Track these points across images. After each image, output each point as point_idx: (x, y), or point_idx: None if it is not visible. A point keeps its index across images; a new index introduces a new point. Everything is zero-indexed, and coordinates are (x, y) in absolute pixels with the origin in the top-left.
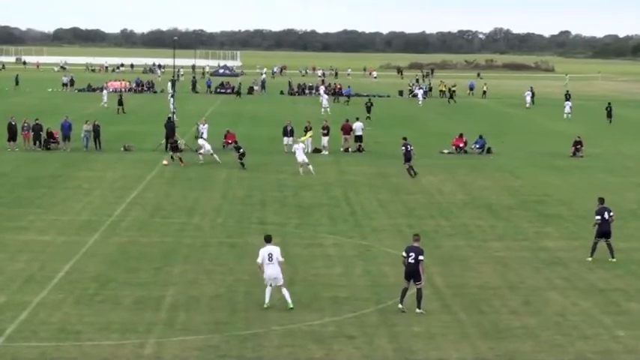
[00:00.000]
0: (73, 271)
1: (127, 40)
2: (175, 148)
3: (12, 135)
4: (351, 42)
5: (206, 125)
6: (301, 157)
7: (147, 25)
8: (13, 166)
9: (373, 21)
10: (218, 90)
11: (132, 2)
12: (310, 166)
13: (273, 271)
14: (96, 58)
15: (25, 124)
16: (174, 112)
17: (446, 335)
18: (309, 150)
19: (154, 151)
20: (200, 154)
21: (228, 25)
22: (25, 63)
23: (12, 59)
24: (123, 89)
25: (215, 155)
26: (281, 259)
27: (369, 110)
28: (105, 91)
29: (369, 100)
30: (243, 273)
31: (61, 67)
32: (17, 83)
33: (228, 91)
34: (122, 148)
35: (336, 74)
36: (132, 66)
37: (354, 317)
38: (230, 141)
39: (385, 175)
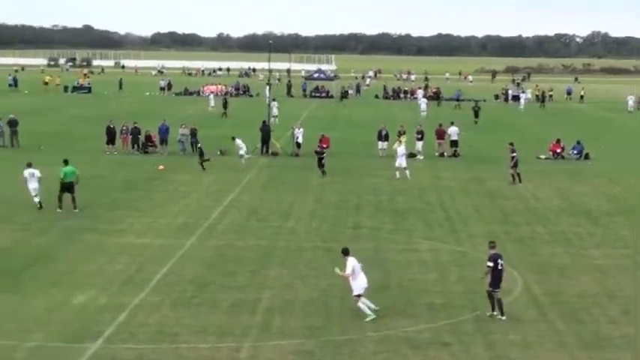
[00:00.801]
0: (171, 274)
1: (223, 44)
2: (201, 154)
3: (110, 138)
4: (445, 45)
5: (301, 129)
6: (400, 161)
7: (243, 29)
8: (111, 169)
9: (468, 24)
10: (313, 94)
11: (228, 7)
12: (407, 171)
13: (365, 280)
14: (193, 62)
15: (124, 128)
16: (275, 117)
17: (543, 344)
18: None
19: (249, 154)
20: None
21: (323, 29)
22: (123, 67)
23: (111, 63)
24: (219, 93)
25: (246, 156)
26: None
27: (476, 115)
28: (211, 95)
29: (476, 104)
30: (338, 278)
31: (159, 71)
32: (120, 87)
33: (323, 95)
34: (218, 152)
35: (426, 78)
36: (228, 70)
37: (449, 324)
38: (325, 145)
39: (481, 180)
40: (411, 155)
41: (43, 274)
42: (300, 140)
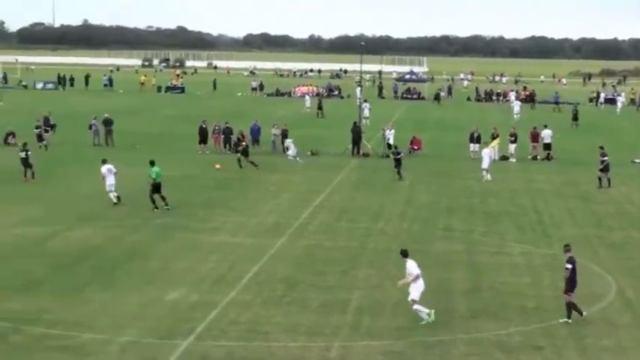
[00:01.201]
0: (262, 273)
1: (314, 45)
2: (245, 152)
3: (203, 138)
4: (539, 48)
5: (392, 130)
6: (486, 163)
7: (334, 30)
8: (203, 168)
9: (562, 27)
10: (404, 95)
11: (320, 9)
12: (488, 175)
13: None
14: (284, 64)
15: (216, 127)
16: (366, 118)
17: (637, 349)
18: (496, 157)
19: (340, 155)
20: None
21: (415, 31)
22: (216, 68)
23: (204, 64)
24: (311, 94)
25: (298, 158)
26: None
27: (575, 117)
28: (307, 96)
29: (575, 107)
30: (428, 279)
31: (251, 72)
32: (215, 87)
33: (415, 96)
34: (309, 152)
35: (516, 81)
36: (319, 71)
37: (541, 328)
38: (416, 147)
39: (574, 184)
40: (503, 158)
41: (137, 271)
42: (391, 141)
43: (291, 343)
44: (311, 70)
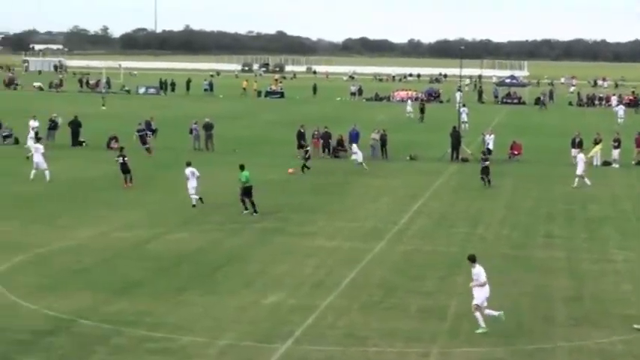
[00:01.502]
0: (359, 277)
1: (414, 50)
2: (308, 158)
3: (301, 142)
4: None
5: (492, 135)
6: (580, 169)
7: (434, 35)
8: (302, 172)
9: None
10: (504, 100)
11: (419, 13)
12: (586, 180)
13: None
14: (383, 68)
15: (316, 132)
16: (465, 123)
17: None
18: (598, 163)
19: (439, 160)
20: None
21: (515, 35)
22: (315, 72)
23: (303, 69)
24: (410, 99)
25: (364, 164)
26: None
27: None
28: (409, 101)
29: None
30: (528, 286)
31: (350, 76)
32: (314, 92)
33: (515, 101)
34: (408, 157)
35: (617, 85)
36: (418, 76)
37: None
38: (516, 152)
39: None
40: (605, 163)
41: (236, 274)
42: (490, 146)
43: (389, 349)
44: (410, 75)
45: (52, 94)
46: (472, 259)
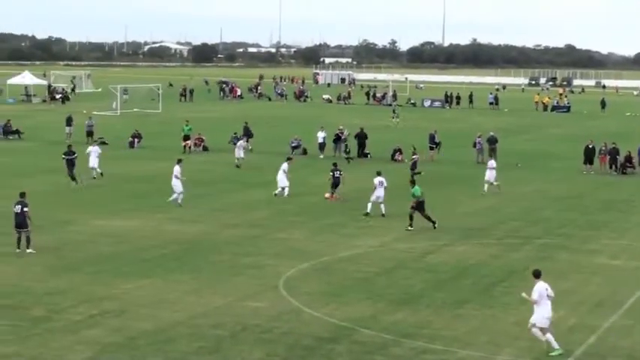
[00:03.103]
0: None
1: None
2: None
3: (589, 158)
4: None
5: None
6: None
7: None
8: (589, 188)
9: None
10: None
11: None
12: None
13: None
14: None
15: (603, 148)
16: None
17: None
18: None
19: None
20: None
21: None
22: (604, 87)
23: (591, 82)
24: None
25: None
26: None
27: None
28: None
29: None
30: None
31: None
32: (603, 107)
33: None
34: None
35: None
36: None
37: None
38: None
39: None
40: None
41: (514, 289)
42: None
43: None
44: None
45: (340, 106)
46: (535, 275)
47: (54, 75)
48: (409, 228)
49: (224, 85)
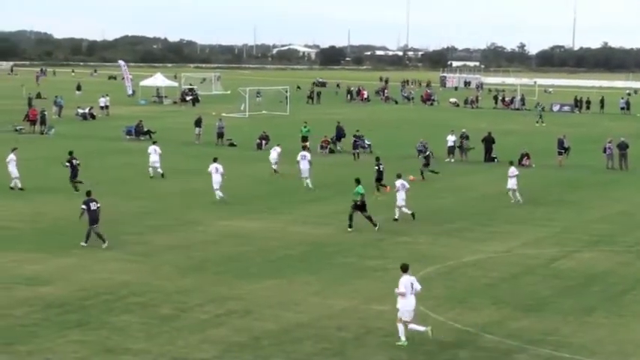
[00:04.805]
0: None
1: None
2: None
3: None
4: None
5: None
6: None
7: None
8: None
9: None
10: None
11: None
12: None
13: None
14: None
15: None
16: None
17: None
18: None
19: None
20: None
21: None
22: None
23: None
24: None
25: None
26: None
27: None
28: None
29: None
30: None
31: None
32: None
33: None
34: None
35: None
36: None
37: None
38: None
39: None
40: None
41: None
42: None
43: None
44: None
45: (467, 110)
46: (402, 269)
47: (184, 77)
48: (349, 230)
49: (351, 88)
